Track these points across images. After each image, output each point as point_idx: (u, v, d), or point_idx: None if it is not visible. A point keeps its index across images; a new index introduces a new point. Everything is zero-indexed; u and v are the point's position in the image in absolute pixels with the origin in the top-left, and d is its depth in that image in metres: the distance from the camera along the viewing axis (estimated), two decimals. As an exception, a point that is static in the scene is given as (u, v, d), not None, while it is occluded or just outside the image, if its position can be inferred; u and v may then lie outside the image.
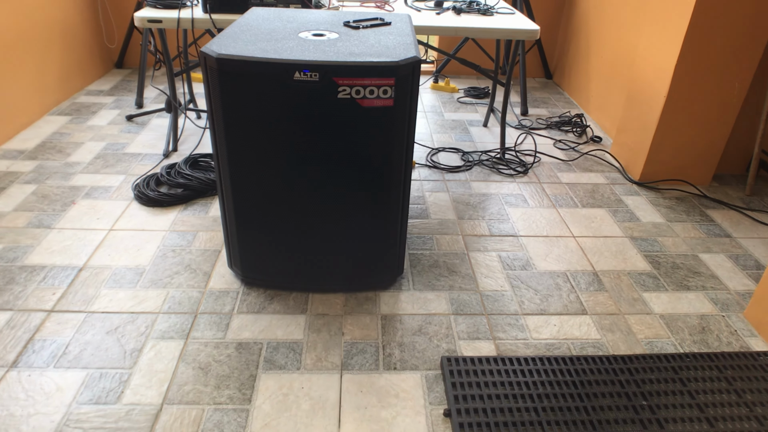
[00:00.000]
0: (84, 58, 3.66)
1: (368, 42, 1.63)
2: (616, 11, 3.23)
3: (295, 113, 1.52)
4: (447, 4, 2.66)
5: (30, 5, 3.08)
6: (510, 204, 2.46)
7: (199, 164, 2.59)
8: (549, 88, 4.02)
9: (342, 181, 1.64)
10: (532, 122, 3.35)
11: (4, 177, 2.53)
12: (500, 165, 2.78)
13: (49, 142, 2.89)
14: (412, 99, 1.55)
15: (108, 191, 2.45)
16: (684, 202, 2.55)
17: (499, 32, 2.35)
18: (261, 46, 1.54)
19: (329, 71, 1.46)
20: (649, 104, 2.61)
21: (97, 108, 3.34)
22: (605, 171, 2.80)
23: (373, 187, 1.66)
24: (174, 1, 2.43)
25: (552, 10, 4.03)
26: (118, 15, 3.91)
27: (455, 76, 4.16)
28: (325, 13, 1.96)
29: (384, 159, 1.61)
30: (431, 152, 2.89)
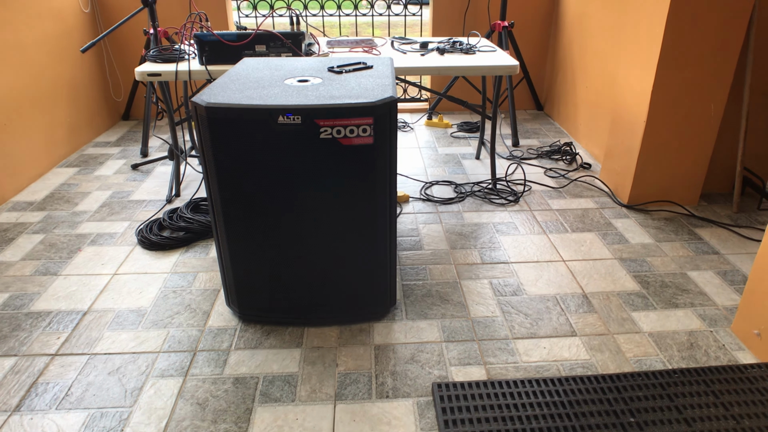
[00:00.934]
0: (92, 112, 3.83)
1: (349, 85, 1.73)
2: (597, 42, 3.35)
3: (281, 154, 1.62)
4: (431, 46, 2.79)
5: (40, 64, 3.25)
6: (501, 232, 2.52)
7: (200, 207, 2.69)
8: (540, 119, 4.13)
9: (330, 216, 1.72)
10: (523, 152, 3.44)
11: (13, 228, 2.64)
12: (492, 195, 2.85)
13: (57, 192, 3.01)
14: (391, 136, 1.63)
15: (113, 237, 2.54)
16: (672, 222, 2.60)
17: (480, 69, 2.46)
18: (248, 93, 1.65)
19: (311, 114, 1.55)
20: (631, 129, 2.70)
21: (104, 159, 3.47)
22: (595, 196, 2.87)
23: (361, 221, 1.73)
24: (172, 55, 2.57)
25: (538, 45, 4.17)
26: (124, 70, 4.09)
27: (449, 112, 4.28)
28: (312, 60, 2.08)
29: (369, 193, 1.69)
30: (425, 186, 2.97)
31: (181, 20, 3.94)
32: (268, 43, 2.45)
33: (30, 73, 3.17)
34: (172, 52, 2.59)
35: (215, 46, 2.44)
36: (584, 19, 3.55)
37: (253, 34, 2.42)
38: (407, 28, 4.24)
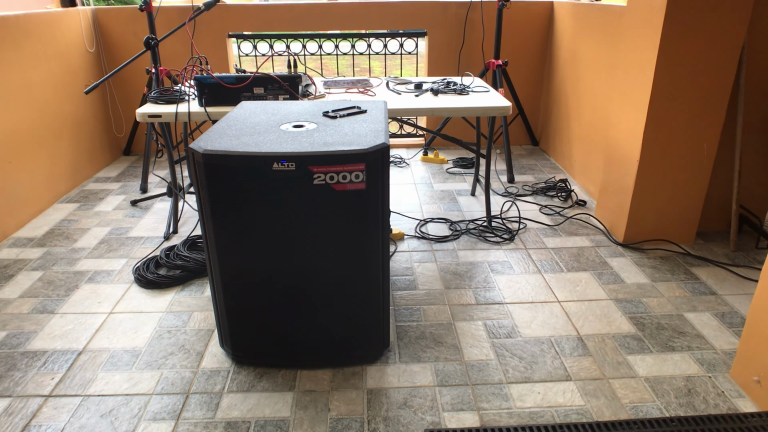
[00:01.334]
0: (93, 148, 3.89)
1: (343, 131, 1.77)
2: (590, 80, 3.41)
3: (275, 199, 1.64)
4: (426, 86, 2.85)
5: (45, 103, 3.32)
6: (496, 271, 2.53)
7: (197, 245, 2.71)
8: (535, 155, 4.17)
9: (323, 260, 1.73)
10: (519, 189, 3.47)
11: (13, 264, 2.65)
12: (487, 233, 2.87)
13: (57, 229, 3.04)
14: (383, 181, 1.66)
15: (110, 275, 2.55)
16: (668, 262, 2.61)
17: (473, 110, 2.51)
18: (244, 140, 1.68)
19: (304, 161, 1.58)
20: (624, 168, 2.73)
21: (104, 194, 3.51)
22: (590, 234, 2.88)
23: (354, 265, 1.75)
24: (173, 96, 2.62)
25: (532, 82, 4.24)
26: (126, 106, 4.17)
27: (444, 147, 4.33)
28: (308, 104, 2.12)
29: (361, 238, 1.71)
30: (420, 223, 2.99)
31: (183, 58, 4.02)
32: (266, 85, 2.50)
33: (35, 112, 3.23)
34: (172, 93, 2.65)
35: (215, 88, 2.49)
36: (577, 58, 3.62)
37: (252, 77, 2.47)
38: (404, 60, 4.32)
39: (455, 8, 4.00)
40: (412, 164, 3.98)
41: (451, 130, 4.24)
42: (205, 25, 3.94)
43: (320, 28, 4.06)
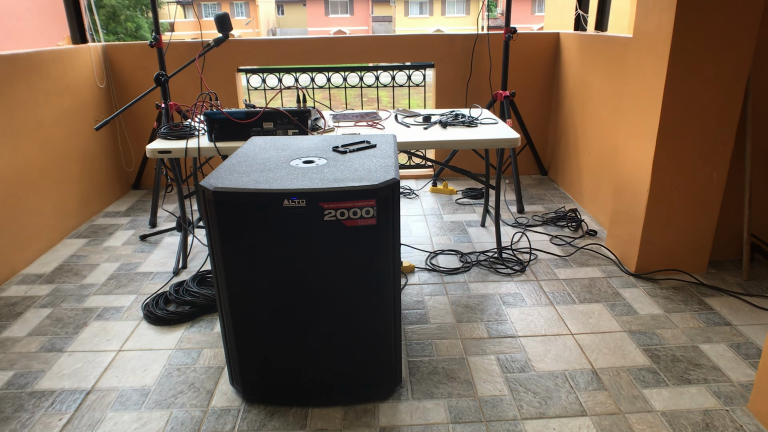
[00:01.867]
0: (103, 183, 3.92)
1: (353, 166, 1.77)
2: (597, 110, 3.43)
3: (286, 236, 1.64)
4: (434, 118, 2.87)
5: (56, 139, 3.36)
6: (508, 304, 2.50)
7: (206, 280, 2.70)
8: (545, 185, 4.17)
9: (334, 296, 1.72)
10: (529, 219, 3.46)
11: (21, 302, 2.65)
12: (498, 265, 2.85)
13: (66, 264, 3.04)
14: (393, 216, 1.66)
15: (119, 311, 2.54)
16: (681, 292, 2.57)
17: (482, 143, 2.52)
18: (254, 177, 1.69)
19: (315, 197, 1.58)
20: (634, 197, 2.71)
21: (114, 229, 3.52)
22: (602, 264, 2.86)
23: (365, 301, 1.73)
24: (182, 132, 2.65)
25: (540, 112, 4.26)
26: (135, 141, 4.21)
27: (453, 178, 4.34)
28: (317, 139, 2.14)
29: (372, 273, 1.70)
30: (430, 255, 2.98)
31: (193, 92, 4.08)
32: (276, 120, 2.52)
33: (46, 148, 3.27)
34: (182, 128, 2.67)
35: (224, 123, 2.52)
36: (584, 88, 3.64)
37: (261, 113, 2.50)
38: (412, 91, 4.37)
39: (462, 40, 4.05)
40: (422, 195, 3.99)
41: (460, 161, 4.26)
42: (214, 60, 4.00)
43: (328, 61, 4.12)
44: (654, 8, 2.50)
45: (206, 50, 2.86)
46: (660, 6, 2.45)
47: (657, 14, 2.48)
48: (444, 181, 4.05)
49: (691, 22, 2.36)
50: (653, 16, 2.51)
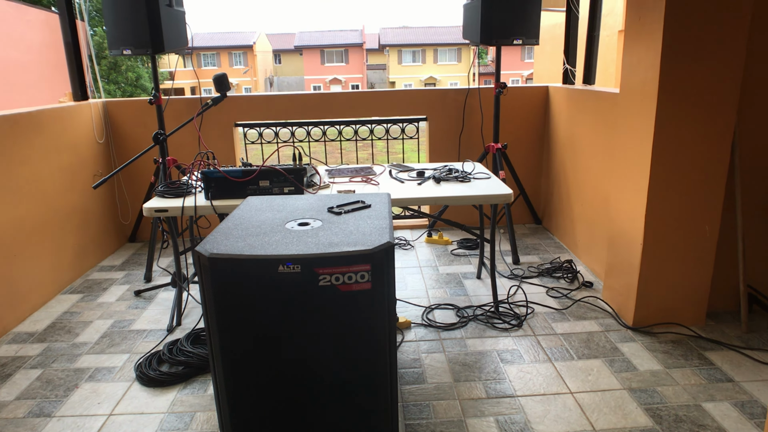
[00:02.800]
0: (99, 236, 3.92)
1: (347, 229, 1.79)
2: (588, 162, 3.48)
3: (281, 300, 1.63)
4: (428, 173, 2.90)
5: (54, 195, 3.38)
6: (506, 361, 2.47)
7: (200, 339, 2.67)
8: (539, 234, 4.19)
9: (329, 360, 1.70)
10: (524, 271, 3.46)
11: (11, 363, 2.61)
12: (495, 319, 2.83)
13: (59, 322, 3.01)
14: (388, 280, 1.66)
15: (111, 372, 2.50)
16: (680, 346, 2.55)
17: (475, 198, 2.54)
18: (249, 241, 1.69)
19: (310, 263, 1.59)
20: (629, 249, 2.73)
21: (108, 284, 3.50)
22: (599, 317, 2.84)
23: (360, 365, 1.71)
24: (179, 190, 2.67)
25: (532, 163, 4.33)
26: (132, 194, 4.24)
27: (449, 229, 4.35)
28: (313, 199, 2.16)
29: (367, 338, 1.68)
30: (426, 310, 2.96)
31: (190, 147, 4.13)
32: (272, 178, 2.55)
33: (43, 204, 3.28)
34: (179, 186, 2.70)
35: (221, 182, 2.54)
36: (575, 140, 3.71)
37: (257, 171, 2.53)
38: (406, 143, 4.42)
39: (454, 95, 4.15)
40: (417, 246, 4.00)
41: (454, 210, 4.29)
42: (212, 115, 4.07)
43: (323, 116, 4.19)
44: (639, 65, 2.58)
45: (204, 109, 2.91)
46: (645, 64, 2.53)
47: (642, 71, 2.55)
48: (439, 232, 4.06)
49: (675, 79, 2.43)
50: (639, 73, 2.59)
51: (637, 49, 2.60)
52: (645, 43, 2.52)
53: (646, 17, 2.50)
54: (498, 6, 3.34)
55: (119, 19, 3.19)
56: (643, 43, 2.54)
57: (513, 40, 3.42)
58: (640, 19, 2.55)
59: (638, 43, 2.59)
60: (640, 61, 2.57)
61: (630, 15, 2.65)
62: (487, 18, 3.37)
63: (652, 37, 2.46)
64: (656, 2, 2.42)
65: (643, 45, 2.54)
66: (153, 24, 3.16)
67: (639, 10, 2.57)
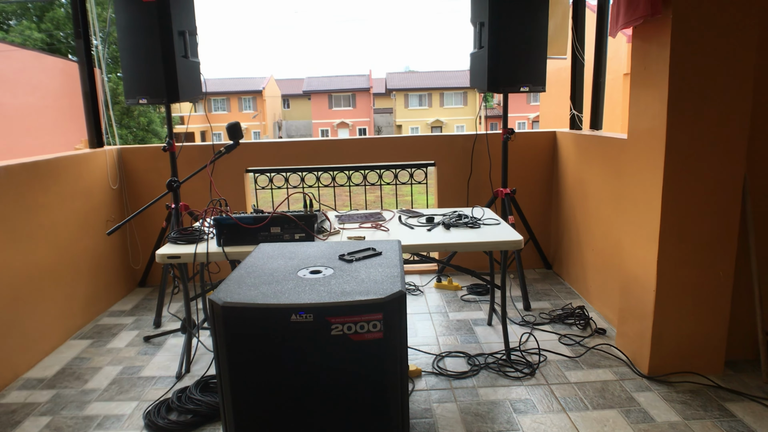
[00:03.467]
0: (110, 281, 3.94)
1: (359, 277, 1.79)
2: (598, 208, 3.49)
3: (293, 349, 1.63)
4: (437, 219, 2.92)
5: (67, 240, 3.42)
6: (519, 411, 2.42)
7: (209, 386, 2.64)
8: (549, 279, 4.17)
9: (341, 410, 1.68)
10: (536, 317, 3.43)
11: (21, 409, 2.59)
12: (507, 368, 2.79)
13: (68, 368, 3.00)
14: (400, 329, 1.65)
15: (120, 420, 2.47)
16: (699, 396, 2.50)
17: (485, 245, 2.55)
18: (262, 290, 1.70)
19: (322, 312, 1.59)
20: (641, 296, 2.70)
21: (118, 329, 3.50)
22: (613, 366, 2.79)
23: (371, 416, 1.69)
24: (192, 236, 2.70)
25: (541, 208, 4.34)
26: (144, 239, 4.28)
27: (458, 274, 4.34)
28: (324, 246, 2.17)
29: (379, 387, 1.67)
30: (437, 358, 2.92)
31: (201, 193, 4.19)
32: (283, 224, 2.58)
33: (57, 249, 3.32)
34: (191, 233, 2.72)
35: (233, 228, 2.57)
36: (584, 185, 3.73)
37: (269, 218, 2.55)
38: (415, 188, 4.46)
39: (462, 141, 4.21)
40: (427, 291, 3.98)
41: (463, 256, 4.28)
42: (224, 161, 4.14)
43: (333, 162, 4.25)
44: (646, 113, 2.62)
45: (217, 157, 2.97)
46: (651, 111, 2.57)
47: (649, 119, 2.59)
48: (449, 278, 4.05)
49: (683, 126, 2.46)
50: (646, 120, 2.62)
51: (644, 97, 2.64)
52: (651, 92, 2.57)
53: (652, 66, 2.56)
54: (504, 55, 3.43)
55: (136, 69, 3.29)
56: (649, 92, 2.59)
57: (520, 87, 3.49)
58: (646, 68, 2.61)
59: (644, 91, 2.63)
60: (647, 109, 2.62)
61: (635, 63, 2.71)
62: (494, 66, 3.45)
63: (658, 85, 2.51)
64: (661, 52, 2.47)
65: (649, 93, 2.59)
66: (169, 75, 3.26)
67: (644, 60, 2.63)
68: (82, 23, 3.82)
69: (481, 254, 4.30)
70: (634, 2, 2.50)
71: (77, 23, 3.83)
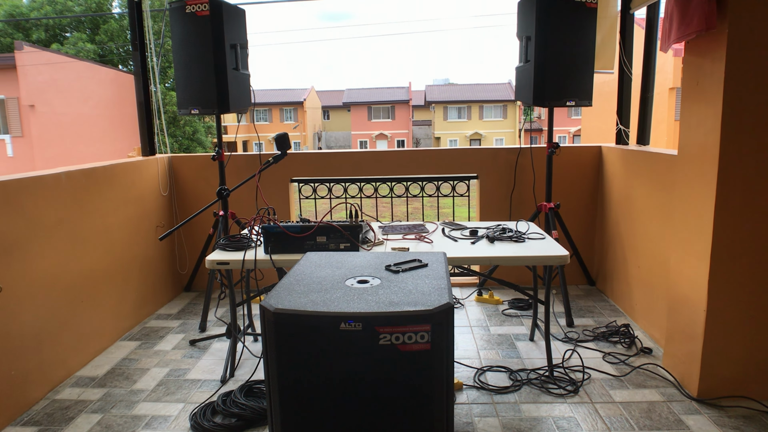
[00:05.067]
0: (158, 285, 4.07)
1: (406, 288, 1.81)
2: (645, 224, 3.42)
3: (341, 357, 1.66)
4: (481, 232, 2.92)
5: (120, 244, 3.56)
6: (562, 429, 2.39)
7: (253, 391, 2.70)
8: (593, 296, 4.09)
9: (386, 420, 1.70)
10: (579, 334, 3.37)
11: (74, 406, 2.69)
12: (549, 384, 2.75)
13: (118, 368, 3.10)
14: (448, 341, 1.66)
15: (167, 421, 2.55)
16: (753, 422, 2.41)
17: (530, 259, 2.54)
18: (312, 297, 1.74)
19: (371, 321, 1.61)
20: (691, 316, 2.63)
21: (165, 332, 3.60)
22: (660, 386, 2.72)
23: (417, 425, 1.69)
24: (240, 244, 2.77)
25: (585, 223, 4.28)
26: (191, 245, 4.40)
27: (499, 288, 4.31)
28: (370, 257, 2.20)
29: (425, 398, 1.67)
30: (478, 372, 2.91)
31: (247, 202, 4.29)
32: (329, 234, 2.62)
33: (110, 253, 3.45)
34: (240, 240, 2.80)
35: (280, 236, 2.63)
36: (630, 201, 3.66)
37: (315, 227, 2.60)
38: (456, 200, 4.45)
39: (505, 154, 4.20)
40: (467, 305, 3.96)
41: (504, 270, 4.25)
42: (270, 171, 4.24)
43: (374, 173, 4.30)
44: (698, 129, 2.57)
45: (266, 166, 3.05)
46: (705, 128, 2.51)
47: (702, 135, 2.54)
48: (490, 291, 4.02)
49: (737, 143, 2.40)
50: (698, 136, 2.57)
51: (696, 113, 2.59)
52: (704, 108, 2.52)
53: (705, 81, 2.51)
54: (550, 69, 3.42)
55: (189, 81, 3.41)
56: (701, 108, 2.54)
57: (566, 101, 3.46)
58: (698, 83, 2.56)
59: (697, 107, 2.59)
60: (700, 125, 2.56)
61: (687, 78, 2.66)
62: (540, 81, 3.44)
63: (712, 102, 2.46)
64: (715, 67, 2.43)
65: (702, 109, 2.54)
66: (220, 86, 3.37)
67: (697, 74, 2.58)
68: (139, 35, 3.99)
69: (523, 269, 4.26)
70: (688, 17, 2.46)
71: (134, 35, 4.00)
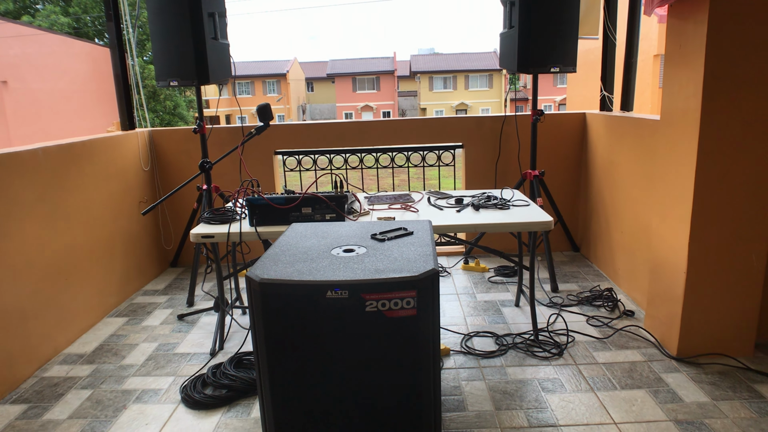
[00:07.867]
0: (143, 261, 4.04)
1: (392, 255, 1.82)
2: (627, 190, 3.46)
3: (328, 325, 1.67)
4: (466, 200, 2.93)
5: (102, 220, 3.52)
6: (547, 390, 2.45)
7: (243, 363, 2.72)
8: (577, 261, 4.15)
9: (374, 387, 1.72)
10: (563, 299, 3.43)
11: (63, 383, 2.70)
12: (535, 348, 2.81)
13: (106, 344, 3.11)
14: (433, 306, 1.68)
15: (157, 394, 2.57)
16: (728, 377, 2.49)
17: (516, 226, 2.56)
18: (298, 267, 1.75)
19: (357, 289, 1.63)
20: (671, 279, 2.69)
21: (152, 308, 3.60)
22: (641, 347, 2.79)
23: (404, 391, 1.73)
24: (225, 217, 2.76)
25: (569, 190, 4.31)
26: (175, 220, 4.37)
27: (485, 256, 4.35)
28: (355, 226, 2.21)
29: (412, 363, 1.70)
30: (465, 338, 2.96)
31: (231, 175, 4.26)
32: (314, 205, 2.62)
33: (93, 229, 3.42)
34: (224, 213, 2.78)
35: (265, 209, 2.62)
36: (613, 167, 3.69)
37: (300, 198, 2.60)
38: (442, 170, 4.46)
39: (490, 122, 4.19)
40: (454, 273, 4.00)
41: (490, 237, 4.29)
42: (253, 144, 4.20)
43: (360, 144, 4.28)
44: (680, 93, 2.58)
45: (248, 138, 3.02)
46: (686, 92, 2.53)
47: (684, 99, 2.55)
48: (476, 259, 4.06)
49: (718, 107, 2.42)
50: (680, 101, 2.58)
51: (678, 77, 2.60)
52: (686, 72, 2.53)
53: (687, 46, 2.51)
54: (535, 35, 3.39)
55: (167, 52, 3.33)
56: (683, 71, 2.55)
57: (550, 68, 3.45)
58: (681, 47, 2.56)
59: (679, 71, 2.59)
60: (681, 89, 2.57)
61: (670, 43, 2.66)
62: (524, 47, 3.41)
63: (693, 65, 2.46)
64: (697, 31, 2.43)
65: (684, 73, 2.54)
66: (199, 56, 3.30)
67: (679, 39, 2.58)
68: (113, 5, 3.88)
69: (508, 237, 4.30)
70: (670, -21, 2.45)
71: (108, 6, 3.89)
